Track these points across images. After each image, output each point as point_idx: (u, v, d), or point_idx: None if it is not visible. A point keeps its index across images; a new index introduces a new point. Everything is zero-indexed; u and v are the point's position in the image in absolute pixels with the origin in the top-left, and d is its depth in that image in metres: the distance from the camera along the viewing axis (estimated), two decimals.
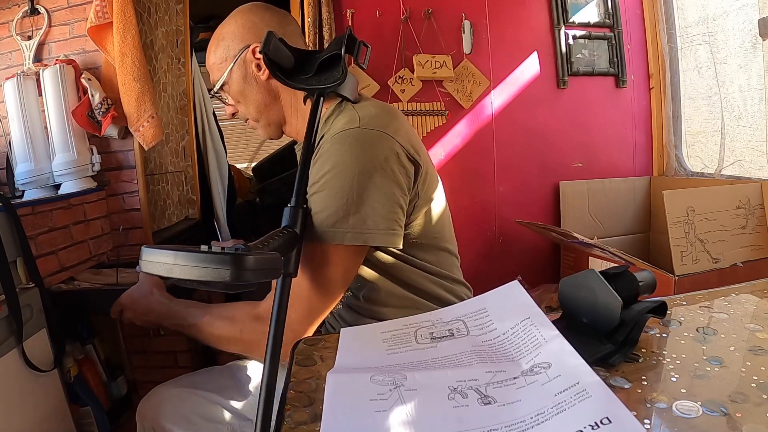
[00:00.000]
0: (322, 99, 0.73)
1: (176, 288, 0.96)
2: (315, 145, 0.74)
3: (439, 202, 0.85)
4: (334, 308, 0.90)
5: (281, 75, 0.74)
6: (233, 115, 0.89)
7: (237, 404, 0.89)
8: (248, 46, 0.82)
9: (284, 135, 0.91)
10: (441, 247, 0.85)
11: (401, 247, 0.76)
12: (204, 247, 0.47)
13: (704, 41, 1.93)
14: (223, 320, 0.77)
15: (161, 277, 0.84)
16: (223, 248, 0.47)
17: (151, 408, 0.89)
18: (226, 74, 0.84)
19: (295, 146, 0.93)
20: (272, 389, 0.49)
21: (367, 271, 0.80)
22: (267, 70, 0.81)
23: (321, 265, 0.72)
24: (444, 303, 0.83)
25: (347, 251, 0.72)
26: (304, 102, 0.83)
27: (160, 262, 0.47)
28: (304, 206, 0.66)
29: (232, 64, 0.83)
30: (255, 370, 0.97)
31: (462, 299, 0.87)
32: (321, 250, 0.71)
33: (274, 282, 0.63)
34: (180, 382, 0.93)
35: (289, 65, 0.75)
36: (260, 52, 0.73)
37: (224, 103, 0.89)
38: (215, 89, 0.87)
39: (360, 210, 0.70)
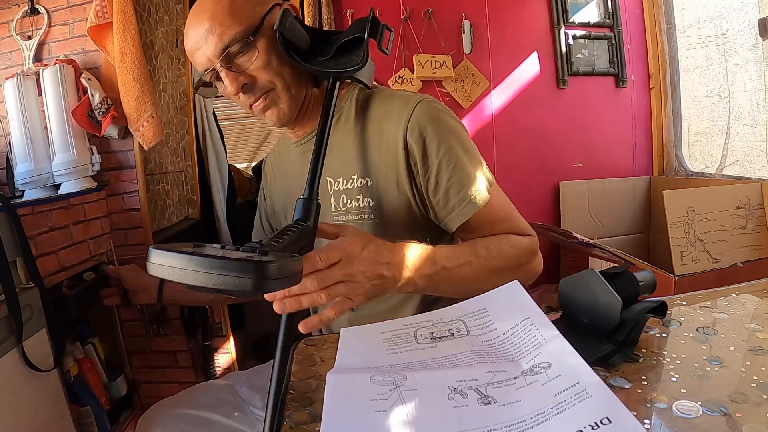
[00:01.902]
0: (338, 84, 0.69)
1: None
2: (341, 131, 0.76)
3: None
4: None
5: (296, 56, 0.68)
6: (241, 88, 0.69)
7: (235, 420, 0.87)
8: (279, 4, 0.71)
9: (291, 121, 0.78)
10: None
11: None
12: (216, 246, 0.44)
13: (704, 41, 1.93)
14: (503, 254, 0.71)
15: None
16: (238, 248, 0.44)
17: (150, 428, 0.86)
18: (264, 19, 0.67)
19: (296, 143, 0.84)
20: (281, 384, 0.49)
21: None
22: None
23: (507, 212, 0.76)
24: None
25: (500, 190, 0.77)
26: (318, 85, 0.77)
27: (172, 266, 0.43)
28: (317, 200, 0.62)
29: (267, 12, 0.69)
30: (251, 384, 0.94)
31: None
32: (494, 205, 0.74)
33: None
34: (179, 401, 0.90)
35: (305, 46, 0.69)
36: (275, 30, 0.66)
37: (231, 68, 0.68)
38: (240, 39, 0.66)
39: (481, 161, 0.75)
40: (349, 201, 0.76)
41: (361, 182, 0.75)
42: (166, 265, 0.43)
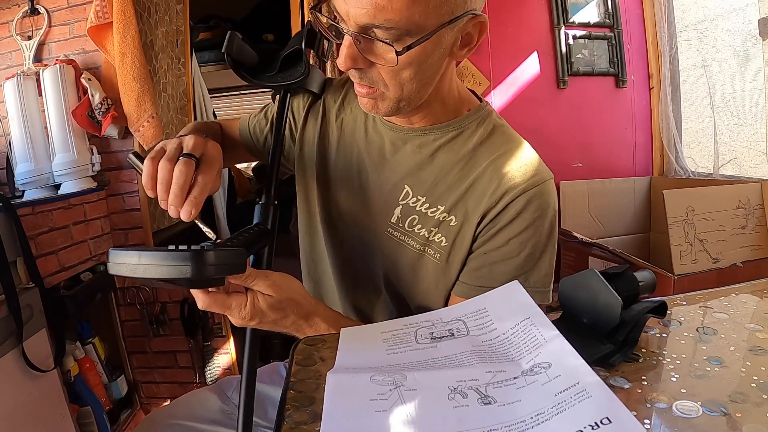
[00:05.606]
0: (288, 95, 0.73)
1: None
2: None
3: None
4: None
5: (246, 74, 0.74)
6: (355, 69, 0.59)
7: (230, 429, 0.86)
8: (474, 14, 0.57)
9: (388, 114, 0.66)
10: None
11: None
12: (171, 247, 0.48)
13: (704, 41, 1.93)
14: None
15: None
16: (189, 246, 0.48)
17: None
18: (437, 31, 0.54)
19: (390, 126, 0.72)
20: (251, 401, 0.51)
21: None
22: (468, 50, 0.62)
23: None
24: None
25: None
26: (273, 99, 0.79)
27: (125, 263, 0.47)
28: (275, 203, 0.65)
29: (450, 22, 0.54)
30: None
31: None
32: None
33: None
34: (172, 411, 0.86)
35: (253, 63, 0.76)
36: (222, 52, 0.71)
37: (359, 45, 0.55)
38: (394, 30, 0.52)
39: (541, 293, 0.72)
40: (418, 226, 0.69)
41: (444, 217, 0.68)
42: (121, 263, 0.47)
